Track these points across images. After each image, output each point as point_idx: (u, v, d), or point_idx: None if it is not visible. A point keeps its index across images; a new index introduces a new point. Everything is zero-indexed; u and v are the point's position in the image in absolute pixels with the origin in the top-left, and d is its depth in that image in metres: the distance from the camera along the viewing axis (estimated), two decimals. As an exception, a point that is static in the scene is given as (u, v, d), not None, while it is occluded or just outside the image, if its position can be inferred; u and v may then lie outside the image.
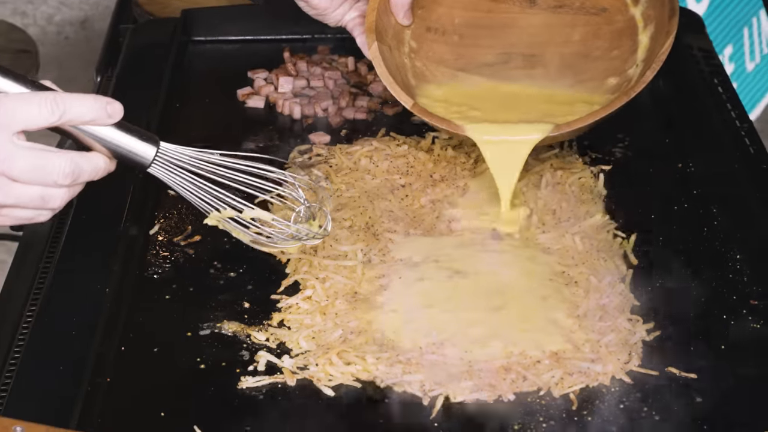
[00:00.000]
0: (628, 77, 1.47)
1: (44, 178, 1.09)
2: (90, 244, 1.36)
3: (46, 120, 1.08)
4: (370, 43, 1.45)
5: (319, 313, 1.29)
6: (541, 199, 1.46)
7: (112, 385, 1.21)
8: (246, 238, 1.24)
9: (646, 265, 1.36)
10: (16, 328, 1.25)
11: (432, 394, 1.19)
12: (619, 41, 1.51)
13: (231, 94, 1.69)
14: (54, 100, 1.08)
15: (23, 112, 1.07)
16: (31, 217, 1.13)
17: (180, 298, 1.32)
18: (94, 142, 1.12)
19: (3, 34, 2.57)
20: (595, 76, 1.50)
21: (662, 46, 1.40)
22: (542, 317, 1.27)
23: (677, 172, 1.52)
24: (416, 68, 1.52)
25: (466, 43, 1.56)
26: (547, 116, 1.44)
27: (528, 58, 1.54)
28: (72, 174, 1.10)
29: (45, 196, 1.10)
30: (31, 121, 1.08)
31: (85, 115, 1.11)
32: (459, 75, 1.53)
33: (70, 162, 1.10)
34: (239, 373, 1.22)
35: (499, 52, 1.55)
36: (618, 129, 1.60)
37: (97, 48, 1.85)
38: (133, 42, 1.77)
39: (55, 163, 1.09)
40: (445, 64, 1.54)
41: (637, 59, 1.47)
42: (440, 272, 1.34)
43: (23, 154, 1.07)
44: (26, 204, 1.10)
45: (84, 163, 1.11)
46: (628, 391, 1.20)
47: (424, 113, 1.43)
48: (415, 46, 1.53)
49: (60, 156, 1.10)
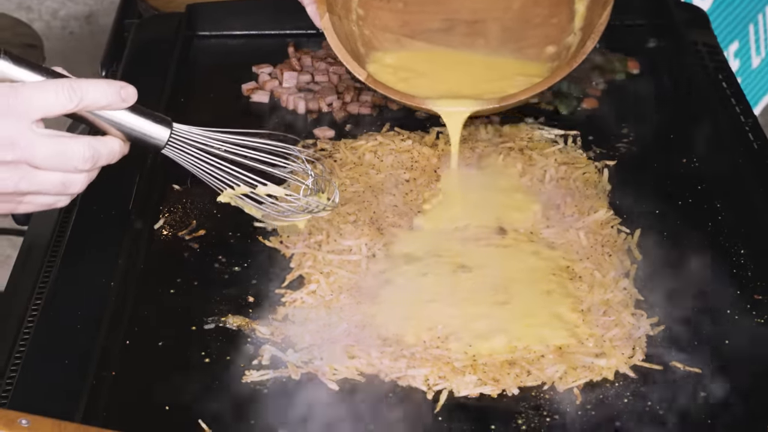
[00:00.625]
0: (567, 45, 1.52)
1: (65, 164, 1.10)
2: (95, 238, 1.36)
3: (64, 107, 1.10)
4: (321, 14, 1.49)
5: (324, 308, 1.30)
6: (546, 194, 1.46)
7: (117, 379, 1.21)
8: (258, 213, 1.26)
9: (650, 260, 1.36)
10: (22, 322, 1.25)
11: (436, 389, 1.20)
12: (557, 8, 1.57)
13: (235, 89, 1.69)
14: (71, 87, 1.10)
15: (41, 100, 1.08)
16: (52, 203, 1.14)
17: (185, 293, 1.33)
18: (109, 127, 1.14)
19: (9, 29, 2.57)
20: (535, 44, 1.56)
21: (600, 17, 1.46)
22: (546, 312, 1.28)
23: (681, 168, 1.52)
24: (364, 36, 1.57)
25: (410, 9, 1.60)
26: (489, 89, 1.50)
27: (471, 24, 1.59)
28: (91, 158, 1.12)
29: (66, 181, 1.12)
30: (49, 108, 1.09)
31: (100, 100, 1.12)
32: (404, 41, 1.57)
33: (88, 147, 1.11)
34: (244, 367, 1.22)
35: (443, 18, 1.60)
36: (622, 124, 1.60)
37: (102, 43, 1.85)
38: (138, 37, 1.77)
39: (74, 148, 1.10)
40: (391, 31, 1.58)
41: (575, 28, 1.53)
42: (444, 267, 1.34)
43: (44, 141, 1.08)
44: (48, 190, 1.11)
45: (101, 147, 1.13)
46: (632, 386, 1.20)
47: (379, 86, 1.47)
48: (363, 13, 1.57)
49: (79, 141, 1.11)
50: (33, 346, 1.21)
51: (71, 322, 1.24)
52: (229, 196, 1.25)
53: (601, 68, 1.71)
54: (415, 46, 1.58)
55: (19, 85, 1.08)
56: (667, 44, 1.76)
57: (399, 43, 1.58)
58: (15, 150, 1.07)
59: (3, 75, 1.10)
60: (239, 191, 1.24)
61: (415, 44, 1.57)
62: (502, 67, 1.55)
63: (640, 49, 1.75)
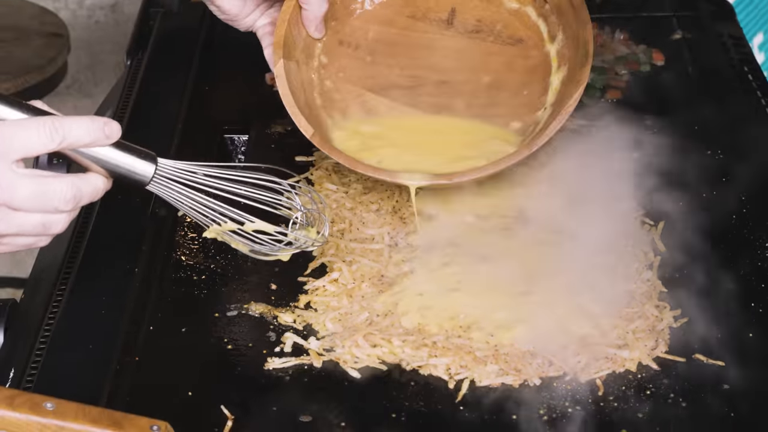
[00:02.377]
0: (536, 120, 1.42)
1: (46, 205, 1.07)
2: (119, 225, 1.37)
3: (46, 146, 1.06)
4: (276, 60, 1.39)
5: (346, 296, 1.30)
6: (568, 184, 1.46)
7: (141, 364, 1.22)
8: (245, 248, 1.24)
9: (673, 252, 1.36)
10: (47, 307, 1.26)
11: (458, 378, 1.20)
12: (531, 77, 1.46)
13: (259, 78, 1.69)
14: (53, 126, 1.06)
15: (22, 139, 1.04)
16: (31, 243, 1.11)
17: (208, 279, 1.33)
18: (92, 164, 1.10)
19: (36, 17, 2.59)
20: (504, 113, 1.44)
21: (571, 97, 1.34)
22: (569, 302, 1.27)
23: (706, 159, 1.51)
24: (324, 87, 1.46)
25: (378, 61, 1.48)
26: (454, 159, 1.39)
27: (440, 84, 1.48)
28: (73, 199, 1.08)
29: (46, 222, 1.08)
30: (30, 148, 1.05)
31: (83, 137, 1.08)
32: (367, 96, 1.47)
33: (71, 186, 1.08)
34: (266, 354, 1.23)
35: (410, 75, 1.48)
36: (646, 115, 1.59)
37: (127, 32, 1.85)
38: (163, 26, 1.78)
39: (56, 189, 1.07)
40: (354, 83, 1.47)
41: (547, 102, 1.42)
42: (466, 257, 1.34)
43: (24, 182, 1.05)
44: (28, 232, 1.08)
45: (84, 185, 1.09)
46: (654, 378, 1.20)
47: (326, 147, 1.36)
48: (326, 61, 1.47)
49: (60, 181, 1.07)
50: (58, 331, 1.22)
51: (95, 308, 1.25)
52: (216, 232, 1.22)
53: (625, 59, 1.71)
54: (378, 103, 1.46)
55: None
56: (693, 36, 1.75)
57: (361, 99, 1.46)
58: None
59: None
60: (226, 227, 1.21)
61: (379, 99, 1.46)
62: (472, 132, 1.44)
63: (665, 40, 1.74)
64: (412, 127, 1.46)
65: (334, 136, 1.42)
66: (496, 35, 1.48)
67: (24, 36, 2.53)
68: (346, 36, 1.49)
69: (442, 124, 1.46)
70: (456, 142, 1.43)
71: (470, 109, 1.46)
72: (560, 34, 1.44)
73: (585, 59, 1.37)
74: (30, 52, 2.48)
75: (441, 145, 1.43)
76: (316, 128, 1.37)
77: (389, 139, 1.43)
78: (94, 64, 3.23)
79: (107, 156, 1.11)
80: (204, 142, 1.57)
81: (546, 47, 1.46)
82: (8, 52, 2.48)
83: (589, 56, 1.36)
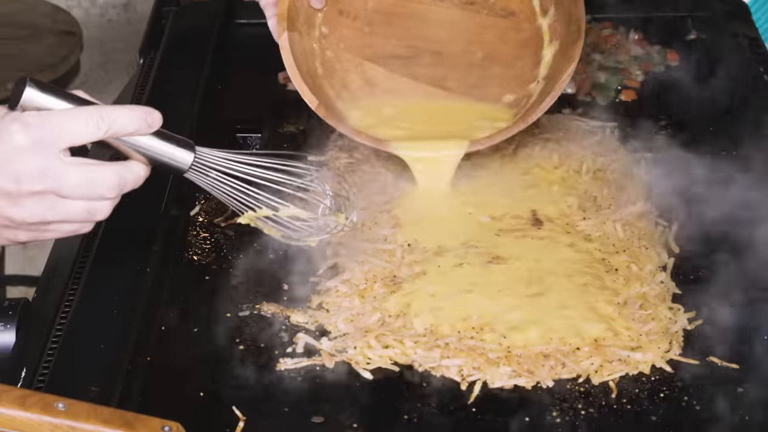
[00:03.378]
0: (528, 93, 1.45)
1: (92, 192, 1.09)
2: (131, 224, 1.36)
3: (93, 135, 1.08)
4: (280, 32, 1.43)
5: (358, 297, 1.29)
6: (582, 185, 1.45)
7: (152, 364, 1.22)
8: (277, 234, 1.26)
9: (687, 253, 1.35)
10: (59, 307, 1.26)
11: (470, 379, 1.19)
12: (523, 51, 1.49)
13: (272, 77, 1.69)
14: (99, 115, 1.08)
15: (70, 128, 1.06)
16: (76, 230, 1.13)
17: (220, 279, 1.33)
18: (134, 152, 1.12)
19: (48, 16, 2.59)
20: (498, 84, 1.49)
21: (564, 72, 1.38)
22: (582, 304, 1.27)
23: (720, 160, 1.50)
24: (325, 56, 1.50)
25: (376, 31, 1.53)
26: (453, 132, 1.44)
27: (435, 55, 1.52)
28: (118, 186, 1.10)
29: (91, 209, 1.10)
30: (77, 137, 1.07)
31: (127, 126, 1.10)
32: (365, 66, 1.51)
33: (115, 174, 1.10)
34: (278, 354, 1.23)
35: (407, 45, 1.53)
36: (661, 116, 1.59)
37: (140, 30, 1.85)
38: (176, 24, 1.78)
39: (102, 176, 1.09)
40: (354, 52, 1.52)
41: (539, 75, 1.46)
42: (479, 257, 1.34)
43: (72, 170, 1.07)
44: (74, 218, 1.10)
45: (127, 173, 1.11)
46: (668, 380, 1.19)
47: (330, 118, 1.41)
48: (326, 31, 1.51)
49: (105, 169, 1.09)
50: (70, 331, 1.22)
51: (107, 307, 1.24)
52: (250, 218, 1.24)
53: (640, 59, 1.70)
54: (376, 72, 1.51)
55: (47, 114, 1.06)
56: (708, 36, 1.74)
57: (360, 68, 1.51)
58: (45, 180, 1.06)
59: (30, 102, 1.08)
60: (261, 213, 1.23)
61: (376, 69, 1.51)
62: (464, 112, 1.48)
63: (680, 40, 1.74)
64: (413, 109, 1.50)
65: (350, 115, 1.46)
66: (490, 7, 1.52)
67: (37, 34, 2.53)
68: (346, 6, 1.53)
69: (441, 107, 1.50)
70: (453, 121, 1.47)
71: (464, 81, 1.50)
72: (552, 9, 1.47)
73: (577, 35, 1.40)
74: (43, 50, 2.48)
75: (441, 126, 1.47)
76: (319, 98, 1.41)
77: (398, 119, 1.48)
78: (106, 63, 3.23)
79: (149, 145, 1.13)
80: (216, 142, 1.56)
81: (538, 21, 1.49)
82: (21, 49, 2.48)
83: (581, 32, 1.40)
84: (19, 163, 1.04)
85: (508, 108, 1.47)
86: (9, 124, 1.05)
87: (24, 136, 1.04)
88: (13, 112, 1.07)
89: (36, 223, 1.08)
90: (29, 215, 1.07)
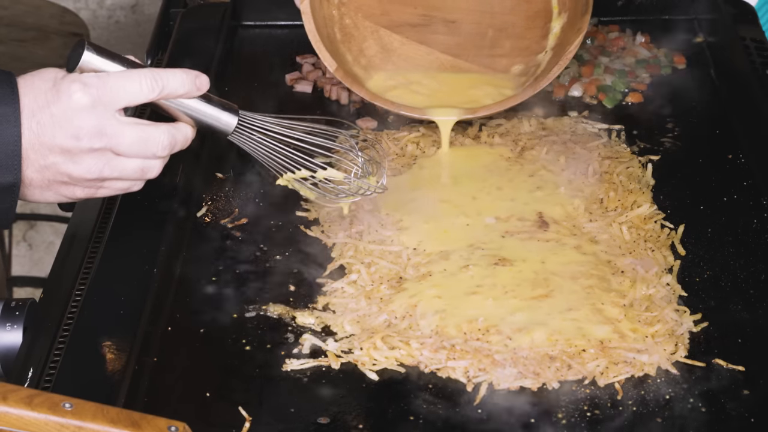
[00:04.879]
0: (537, 63, 1.53)
1: (146, 151, 1.14)
2: (138, 225, 1.37)
3: (147, 96, 1.13)
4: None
5: (364, 298, 1.30)
6: (589, 187, 1.45)
7: (159, 365, 1.22)
8: (312, 195, 1.30)
9: (694, 256, 1.35)
10: (66, 307, 1.27)
11: (476, 381, 1.19)
12: (533, 22, 1.57)
13: (279, 79, 1.69)
14: (153, 77, 1.13)
15: (126, 90, 1.12)
16: (128, 188, 1.19)
17: (226, 280, 1.33)
18: (182, 114, 1.18)
19: (56, 17, 2.60)
20: (507, 54, 1.57)
21: (572, 44, 1.47)
22: (588, 306, 1.27)
23: (727, 163, 1.50)
24: (344, 23, 1.57)
25: (393, 0, 1.60)
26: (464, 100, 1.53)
27: (448, 24, 1.60)
28: (169, 145, 1.16)
29: (144, 167, 1.16)
30: (133, 97, 1.12)
31: (179, 89, 1.16)
32: (382, 33, 1.58)
33: (167, 134, 1.15)
34: (284, 355, 1.23)
35: (422, 14, 1.60)
36: (667, 119, 1.59)
37: (147, 32, 1.86)
38: (183, 26, 1.78)
39: (155, 135, 1.14)
40: (371, 19, 1.59)
41: (547, 46, 1.54)
42: (485, 259, 1.34)
43: (128, 129, 1.12)
44: (128, 176, 1.16)
45: (178, 133, 1.17)
46: (674, 382, 1.19)
47: (348, 80, 1.49)
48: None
49: (159, 129, 1.15)
50: (77, 331, 1.22)
51: (114, 308, 1.25)
52: (288, 179, 1.29)
53: (646, 62, 1.70)
54: (392, 39, 1.59)
55: (105, 76, 1.11)
56: (714, 39, 1.74)
57: (377, 34, 1.59)
58: (102, 138, 1.11)
59: (87, 65, 1.14)
60: (299, 175, 1.28)
61: (392, 36, 1.59)
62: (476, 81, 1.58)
63: (687, 43, 1.74)
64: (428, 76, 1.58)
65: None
66: None
67: (44, 35, 2.53)
68: None
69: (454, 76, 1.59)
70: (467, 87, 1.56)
71: (476, 50, 1.58)
72: None
73: (586, 8, 1.49)
74: (50, 51, 2.49)
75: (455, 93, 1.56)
76: (338, 62, 1.49)
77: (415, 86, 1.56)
78: (113, 65, 3.23)
79: (197, 107, 1.19)
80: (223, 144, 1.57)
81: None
82: (28, 51, 2.49)
83: (589, 5, 1.49)
84: (78, 121, 1.10)
85: (517, 77, 1.55)
86: (69, 84, 1.10)
87: (84, 96, 1.10)
88: (72, 74, 1.12)
89: (93, 180, 1.14)
90: (87, 171, 1.12)
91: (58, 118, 1.10)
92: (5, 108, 1.09)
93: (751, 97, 1.59)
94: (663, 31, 1.75)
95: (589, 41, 1.74)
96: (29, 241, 2.96)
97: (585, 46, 1.73)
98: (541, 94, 1.57)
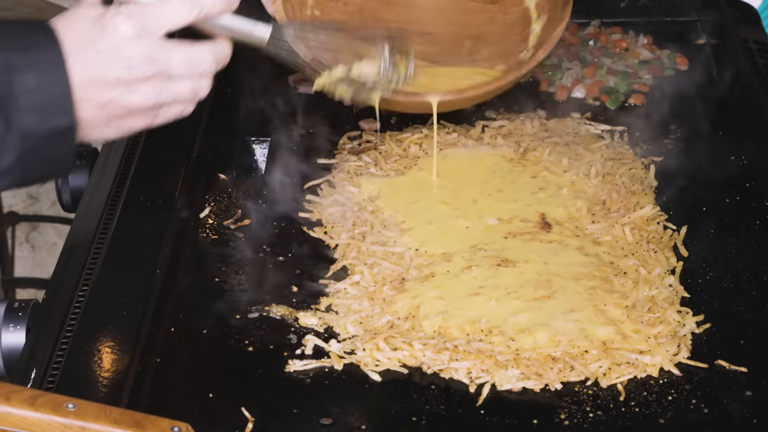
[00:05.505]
0: (520, 60, 1.50)
1: (195, 70, 1.15)
2: (141, 226, 1.37)
3: (187, 18, 1.14)
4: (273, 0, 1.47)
5: (367, 299, 1.30)
6: (591, 189, 1.46)
7: (162, 365, 1.22)
8: (347, 93, 1.31)
9: (696, 257, 1.35)
10: (68, 309, 1.27)
11: (478, 382, 1.19)
12: (511, 29, 1.54)
13: (282, 80, 1.69)
14: (190, 0, 1.14)
15: (167, 15, 1.13)
16: (180, 111, 1.19)
17: (229, 281, 1.33)
18: (220, 31, 1.19)
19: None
20: (488, 58, 1.54)
21: (555, 30, 1.43)
22: (590, 307, 1.27)
23: (730, 165, 1.50)
24: None
25: (365, 16, 1.58)
26: None
27: (425, 35, 1.57)
28: (215, 61, 1.16)
29: (195, 87, 1.16)
30: (176, 21, 1.13)
31: (215, 6, 1.17)
32: None
33: (211, 51, 1.16)
34: (287, 356, 1.23)
35: (399, 28, 1.57)
36: (670, 120, 1.59)
37: (150, 33, 1.85)
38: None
39: (201, 53, 1.15)
40: None
41: (528, 46, 1.50)
42: (488, 260, 1.34)
43: (175, 51, 1.13)
44: (181, 98, 1.16)
45: (221, 50, 1.18)
46: (676, 383, 1.19)
47: None
48: (318, 14, 1.54)
49: (203, 48, 1.16)
50: (79, 332, 1.22)
51: (117, 309, 1.25)
52: (323, 82, 1.30)
53: (649, 64, 1.70)
54: None
55: (145, 4, 1.13)
56: (717, 41, 1.74)
57: None
58: (154, 64, 1.12)
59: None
60: (334, 75, 1.29)
61: None
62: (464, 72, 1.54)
63: (690, 45, 1.74)
64: None
65: None
66: None
67: (47, 37, 2.53)
68: None
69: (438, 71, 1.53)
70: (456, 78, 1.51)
71: (455, 57, 1.54)
72: None
73: (566, 2, 1.44)
74: (53, 53, 2.48)
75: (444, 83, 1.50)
76: None
77: None
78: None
79: (232, 23, 1.20)
80: (226, 145, 1.57)
81: (525, 2, 1.53)
82: (31, 52, 2.48)
83: None
84: (128, 51, 1.11)
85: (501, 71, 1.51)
86: (112, 18, 1.11)
87: (129, 27, 1.11)
88: (112, 7, 1.13)
89: (150, 108, 1.15)
90: (146, 99, 1.13)
91: (106, 52, 1.11)
92: (47, 53, 1.10)
93: (753, 99, 1.59)
94: (666, 33, 1.75)
95: (592, 43, 1.74)
96: (32, 242, 2.96)
97: (588, 47, 1.73)
98: (543, 96, 1.57)
